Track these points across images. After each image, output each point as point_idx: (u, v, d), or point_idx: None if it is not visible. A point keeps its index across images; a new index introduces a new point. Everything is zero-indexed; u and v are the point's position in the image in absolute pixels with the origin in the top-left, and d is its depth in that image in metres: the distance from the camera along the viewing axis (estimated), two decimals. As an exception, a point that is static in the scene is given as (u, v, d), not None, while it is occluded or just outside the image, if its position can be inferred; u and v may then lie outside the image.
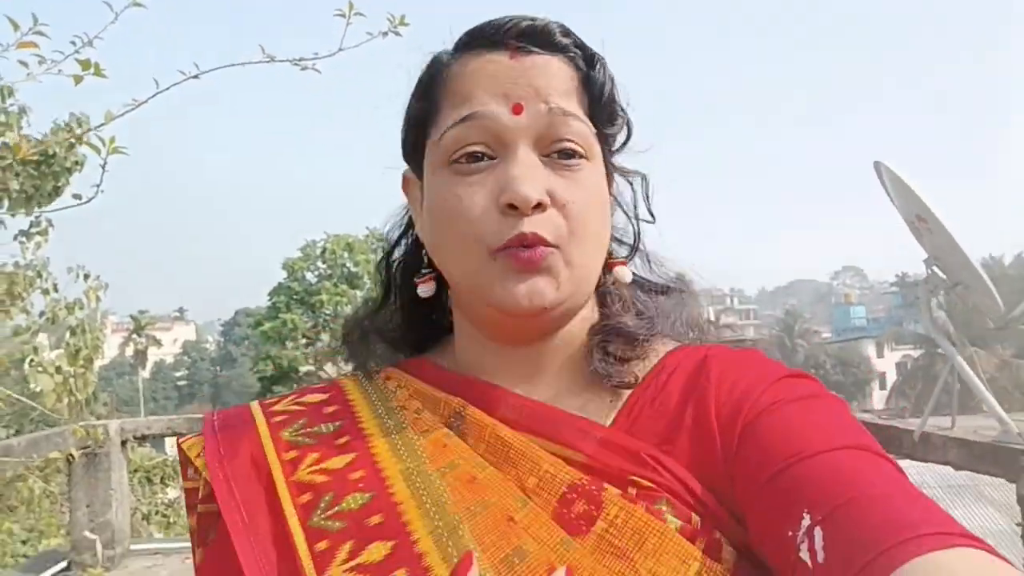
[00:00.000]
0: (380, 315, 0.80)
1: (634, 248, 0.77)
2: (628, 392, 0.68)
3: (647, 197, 0.77)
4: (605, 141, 0.70)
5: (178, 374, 71.27)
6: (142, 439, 4.89)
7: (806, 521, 0.51)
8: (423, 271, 0.74)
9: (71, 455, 4.18)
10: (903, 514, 0.48)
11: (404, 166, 0.76)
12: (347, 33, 2.02)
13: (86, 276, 4.65)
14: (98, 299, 4.84)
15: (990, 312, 2.92)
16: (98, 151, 1.77)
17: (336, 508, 0.62)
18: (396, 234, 0.80)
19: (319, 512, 0.62)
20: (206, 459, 0.68)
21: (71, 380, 4.13)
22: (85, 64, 1.80)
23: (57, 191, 4.73)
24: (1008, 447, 2.60)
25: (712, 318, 0.83)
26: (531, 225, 0.62)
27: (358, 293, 22.89)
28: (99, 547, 4.31)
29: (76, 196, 1.98)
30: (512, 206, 0.62)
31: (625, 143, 0.74)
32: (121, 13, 1.86)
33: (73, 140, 4.40)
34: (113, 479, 4.39)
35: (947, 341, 2.87)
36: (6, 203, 3.63)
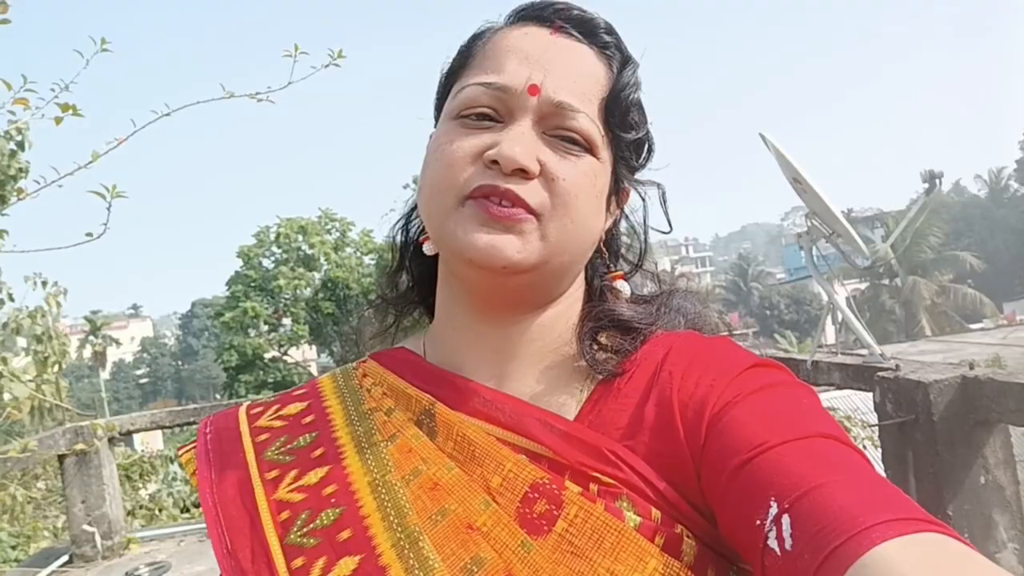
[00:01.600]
0: (393, 279, 0.81)
1: (637, 265, 0.77)
2: (598, 382, 0.67)
3: (664, 203, 0.76)
4: (617, 146, 0.68)
5: (139, 372, 69.51)
6: (127, 435, 5.10)
7: (773, 509, 0.50)
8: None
9: (62, 455, 4.36)
10: (867, 501, 0.48)
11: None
12: (295, 69, 2.29)
13: (44, 283, 4.77)
14: (59, 305, 4.95)
15: (857, 254, 3.43)
16: (103, 196, 2.03)
17: (311, 525, 0.64)
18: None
19: (296, 530, 0.64)
20: (198, 484, 0.70)
21: (42, 388, 4.30)
22: (64, 107, 2.03)
23: (3, 199, 4.79)
24: (871, 366, 3.08)
25: (668, 268, 0.97)
26: (509, 183, 0.61)
27: (316, 275, 22.80)
28: (98, 539, 4.54)
29: (88, 234, 2.20)
30: (496, 163, 0.61)
31: (646, 161, 0.73)
32: (91, 59, 2.09)
33: (15, 147, 4.51)
34: (104, 474, 4.60)
35: (826, 281, 3.36)
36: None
